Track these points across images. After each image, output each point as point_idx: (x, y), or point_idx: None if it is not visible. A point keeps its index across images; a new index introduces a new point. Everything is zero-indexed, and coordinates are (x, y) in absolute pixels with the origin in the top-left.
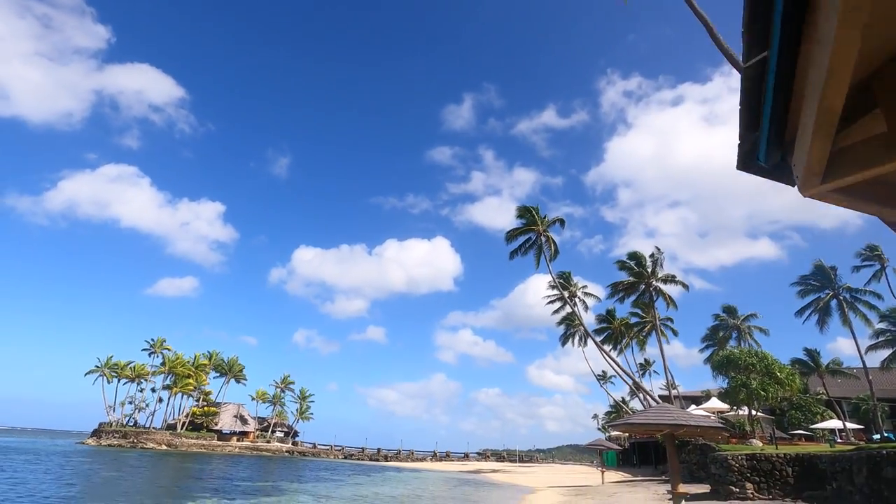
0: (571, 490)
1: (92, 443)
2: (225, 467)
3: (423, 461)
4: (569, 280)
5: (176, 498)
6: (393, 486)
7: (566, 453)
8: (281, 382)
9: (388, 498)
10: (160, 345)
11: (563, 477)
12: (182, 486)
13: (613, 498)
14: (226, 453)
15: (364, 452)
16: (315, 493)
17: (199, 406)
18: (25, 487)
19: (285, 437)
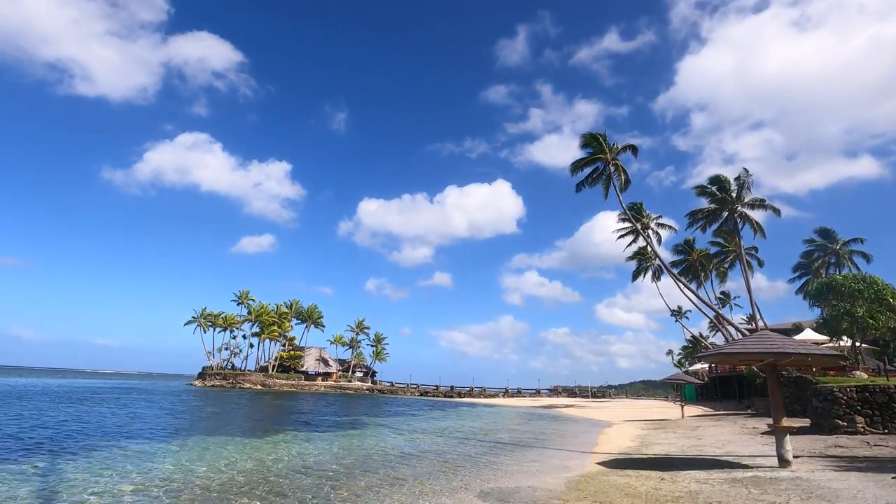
0: (650, 424)
1: (198, 384)
2: (313, 404)
3: (495, 397)
4: (640, 211)
5: (275, 429)
6: (469, 420)
7: (639, 389)
8: (356, 327)
9: (467, 430)
10: (245, 296)
11: (639, 411)
12: (278, 419)
13: (696, 431)
14: (312, 392)
15: (438, 390)
16: (396, 427)
17: (285, 350)
18: (144, 421)
19: (364, 377)
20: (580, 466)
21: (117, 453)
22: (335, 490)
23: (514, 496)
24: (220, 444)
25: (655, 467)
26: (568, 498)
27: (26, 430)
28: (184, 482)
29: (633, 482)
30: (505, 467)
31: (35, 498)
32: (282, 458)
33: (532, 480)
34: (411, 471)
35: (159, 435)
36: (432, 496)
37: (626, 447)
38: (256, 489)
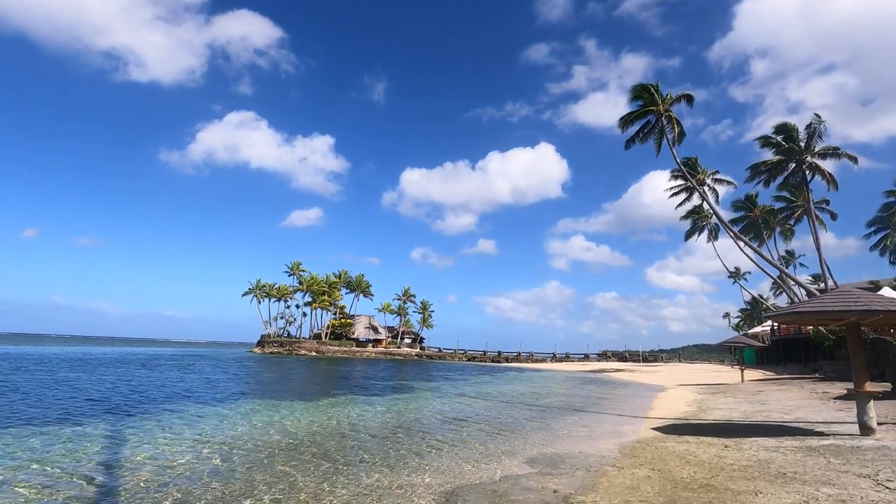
0: (706, 388)
1: (258, 351)
2: (364, 369)
3: (543, 363)
4: (695, 167)
5: (327, 393)
6: (516, 384)
7: (692, 353)
8: (403, 295)
9: (514, 394)
10: (297, 268)
11: (694, 375)
12: (331, 384)
13: (759, 396)
14: (363, 358)
15: (486, 355)
16: (444, 391)
17: (336, 318)
18: (210, 384)
19: (412, 343)
20: (634, 432)
21: (178, 415)
22: (380, 454)
23: (564, 462)
24: (274, 407)
25: (717, 433)
26: (623, 465)
27: (104, 392)
28: (236, 442)
29: (693, 449)
30: (554, 432)
31: (95, 453)
32: (331, 421)
33: (583, 446)
34: (457, 435)
35: (219, 398)
36: (478, 461)
37: (682, 412)
38: (303, 451)
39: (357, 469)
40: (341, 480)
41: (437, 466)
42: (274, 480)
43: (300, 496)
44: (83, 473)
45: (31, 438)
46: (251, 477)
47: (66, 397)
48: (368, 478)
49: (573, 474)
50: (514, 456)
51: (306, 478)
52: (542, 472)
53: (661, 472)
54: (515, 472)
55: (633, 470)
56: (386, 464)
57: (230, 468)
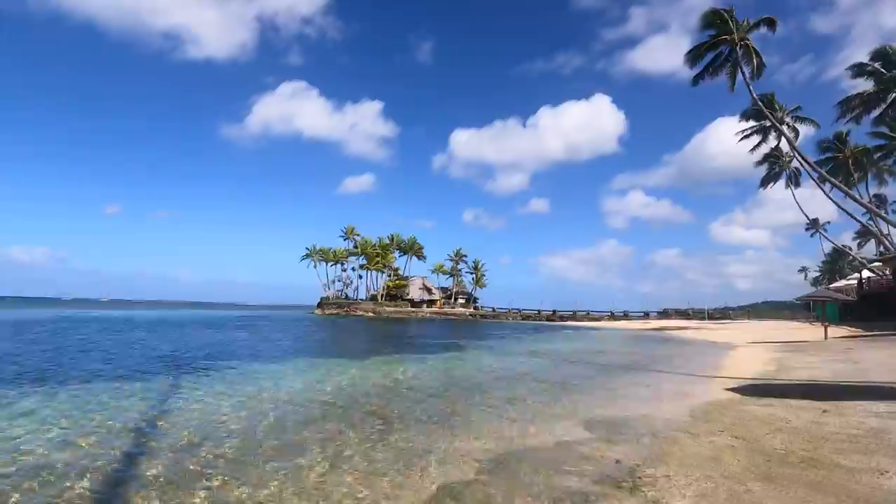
0: (784, 346)
1: (318, 313)
2: (420, 329)
3: (600, 321)
4: (773, 103)
5: (387, 351)
6: (573, 342)
7: (762, 311)
8: (455, 255)
9: (571, 352)
10: (351, 232)
11: (767, 333)
12: (388, 342)
13: (849, 355)
14: (418, 318)
15: (540, 314)
16: (498, 349)
17: (391, 280)
18: (270, 342)
19: (466, 303)
20: (705, 393)
21: (238, 371)
22: (430, 414)
23: (626, 427)
24: (329, 365)
25: (807, 396)
26: (697, 430)
27: (174, 351)
28: (292, 399)
29: (781, 413)
30: (614, 392)
31: (156, 407)
32: (385, 379)
33: (647, 408)
34: (508, 394)
35: (278, 356)
36: (529, 424)
37: (759, 371)
38: (357, 409)
39: (407, 429)
40: (392, 440)
41: (487, 429)
42: (326, 438)
43: (351, 455)
44: (140, 426)
45: (102, 393)
46: (304, 434)
47: (138, 355)
48: (416, 439)
49: (638, 441)
50: (569, 418)
51: (358, 435)
52: (601, 438)
53: (747, 441)
54: (571, 438)
55: (710, 437)
56: (434, 423)
57: (283, 425)
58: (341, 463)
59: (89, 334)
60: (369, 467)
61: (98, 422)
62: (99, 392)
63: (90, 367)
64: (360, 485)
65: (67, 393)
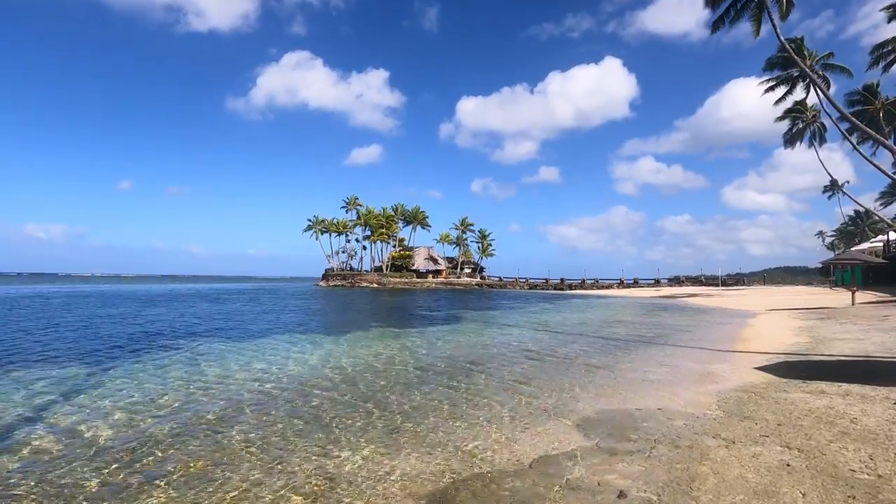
0: (809, 313)
1: (323, 284)
2: (422, 299)
3: (609, 289)
4: (801, 49)
5: (379, 324)
6: (579, 312)
7: (776, 276)
8: (460, 224)
9: (574, 324)
10: (353, 202)
11: (786, 299)
12: (388, 314)
13: (890, 322)
14: (424, 288)
15: (548, 283)
16: (495, 321)
17: (396, 251)
18: (270, 314)
19: (472, 273)
20: (732, 374)
21: (235, 345)
22: (373, 416)
23: (635, 429)
24: (324, 340)
25: (863, 378)
26: (732, 435)
27: (189, 323)
28: (293, 377)
29: (840, 405)
30: (621, 375)
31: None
32: (371, 357)
33: (663, 397)
34: (497, 378)
35: (278, 330)
36: (504, 428)
37: (790, 344)
38: (341, 390)
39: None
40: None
41: (434, 441)
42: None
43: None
44: (140, 403)
45: (95, 374)
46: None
47: (135, 332)
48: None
49: (651, 454)
50: (561, 416)
51: (342, 420)
52: (601, 449)
53: (807, 456)
54: (560, 449)
55: (752, 447)
56: (371, 433)
57: (285, 402)
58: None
59: (56, 312)
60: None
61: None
62: (91, 372)
63: (81, 344)
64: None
65: None
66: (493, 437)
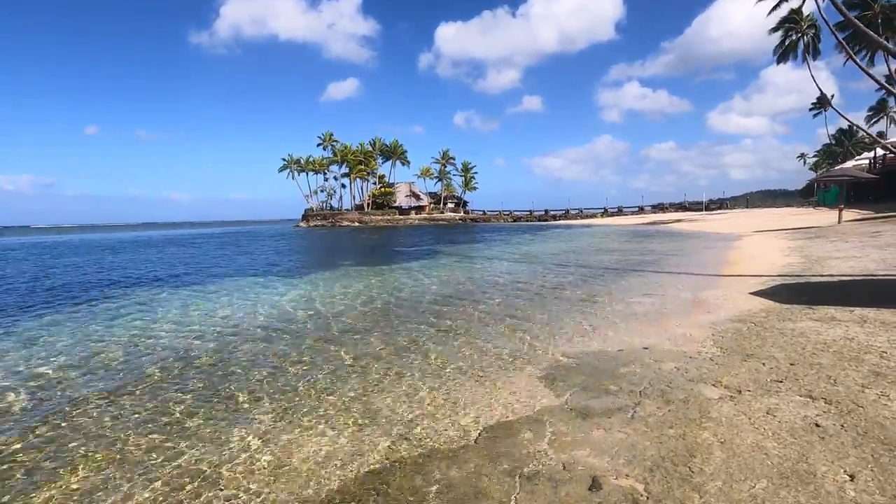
0: (797, 233)
1: (303, 225)
2: (404, 236)
3: (593, 218)
4: None
5: (361, 259)
6: (560, 241)
7: (756, 200)
8: (442, 158)
9: (553, 254)
10: (329, 138)
11: (770, 220)
12: (365, 251)
13: (883, 238)
14: (407, 225)
15: (532, 215)
16: (475, 254)
17: (377, 188)
18: (251, 256)
19: (456, 208)
20: (726, 301)
21: (193, 290)
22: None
23: (616, 378)
24: (302, 280)
25: (873, 300)
26: (737, 381)
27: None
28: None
29: (858, 334)
30: (601, 308)
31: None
32: (314, 299)
33: (647, 333)
34: (462, 319)
35: (247, 270)
36: (452, 388)
37: (783, 266)
38: (304, 336)
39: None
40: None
41: (371, 408)
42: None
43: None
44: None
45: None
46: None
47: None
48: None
49: (634, 414)
50: (529, 362)
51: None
52: (569, 411)
53: (840, 410)
54: (516, 413)
55: (765, 399)
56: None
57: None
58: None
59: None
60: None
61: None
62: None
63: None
64: None
65: None
66: (438, 400)
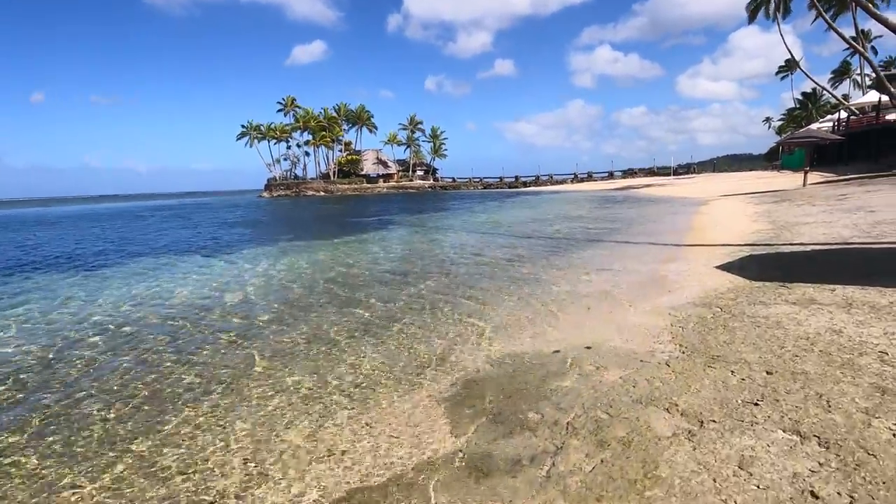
0: (762, 197)
1: (266, 195)
2: (365, 206)
3: (563, 184)
4: None
5: (337, 228)
6: (525, 209)
7: (723, 164)
8: (409, 123)
9: (515, 223)
10: (290, 103)
11: (736, 184)
12: (338, 218)
13: (850, 202)
14: (375, 194)
15: (502, 181)
16: (435, 224)
17: (343, 156)
18: (193, 231)
19: (425, 175)
20: (688, 277)
21: (119, 269)
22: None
23: (538, 401)
24: (231, 257)
25: (863, 274)
26: (699, 406)
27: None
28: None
29: (845, 325)
30: (544, 291)
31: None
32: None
33: (593, 323)
34: (383, 307)
35: (199, 246)
36: (345, 396)
37: (752, 233)
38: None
39: None
40: None
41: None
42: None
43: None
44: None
45: None
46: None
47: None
48: None
49: (552, 469)
50: (439, 375)
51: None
52: (465, 464)
53: (843, 459)
54: (390, 471)
55: (737, 438)
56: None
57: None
58: None
59: None
60: None
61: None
62: None
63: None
64: None
65: None
66: (291, 443)
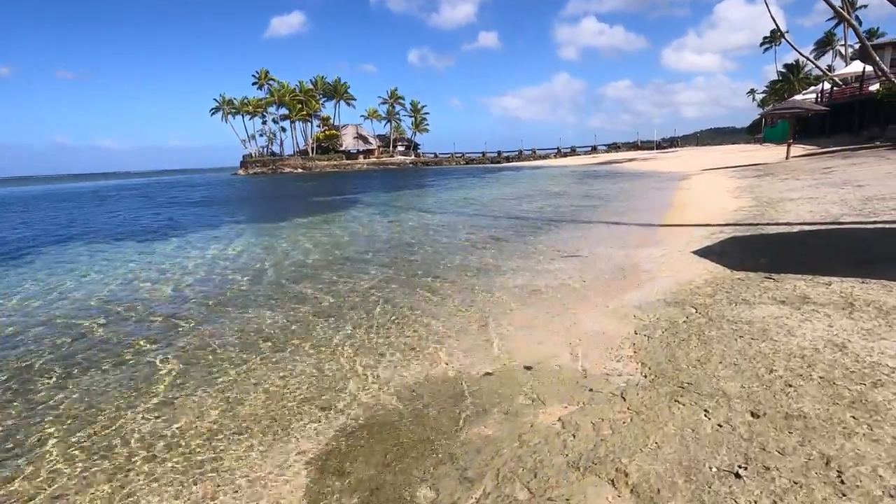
0: (745, 171)
1: (242, 173)
2: (338, 183)
3: (546, 159)
4: None
5: (301, 208)
6: (503, 186)
7: (706, 138)
8: (390, 97)
9: (488, 201)
10: (265, 76)
11: (719, 157)
12: (308, 196)
13: (837, 175)
14: (355, 170)
15: (485, 157)
16: (403, 203)
17: (321, 131)
18: (152, 211)
19: (406, 151)
20: (661, 265)
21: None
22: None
23: (443, 454)
24: (180, 241)
25: (860, 262)
26: (658, 475)
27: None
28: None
29: (856, 339)
30: (498, 282)
31: None
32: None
33: (543, 332)
34: (296, 322)
35: (153, 229)
36: (182, 457)
37: (734, 211)
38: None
39: None
40: None
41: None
42: None
43: None
44: None
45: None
46: None
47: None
48: None
49: None
50: (316, 424)
51: None
52: None
53: None
54: None
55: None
56: None
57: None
58: None
59: None
60: None
61: None
62: None
63: None
64: None
65: None
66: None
